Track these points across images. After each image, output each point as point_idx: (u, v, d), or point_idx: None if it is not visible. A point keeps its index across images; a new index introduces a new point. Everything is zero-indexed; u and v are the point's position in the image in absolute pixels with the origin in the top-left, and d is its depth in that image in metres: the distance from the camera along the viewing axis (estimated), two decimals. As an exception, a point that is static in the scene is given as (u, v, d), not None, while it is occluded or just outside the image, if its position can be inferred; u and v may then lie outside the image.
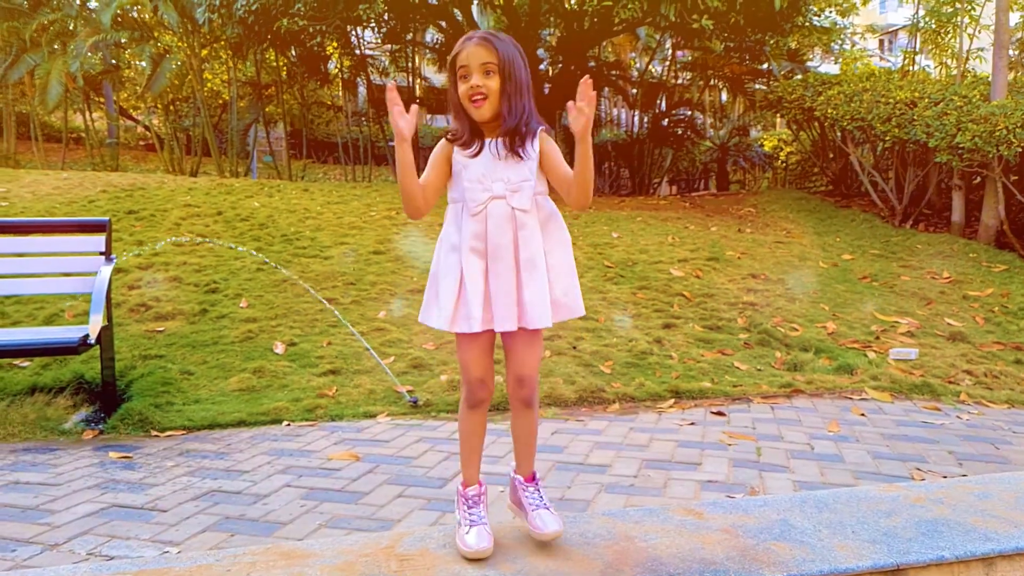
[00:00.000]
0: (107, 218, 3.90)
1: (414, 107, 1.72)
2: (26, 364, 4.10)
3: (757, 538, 1.86)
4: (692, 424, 3.45)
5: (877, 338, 4.86)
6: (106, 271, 3.64)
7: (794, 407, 3.73)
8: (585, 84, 1.63)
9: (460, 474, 1.89)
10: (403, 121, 1.68)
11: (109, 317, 3.70)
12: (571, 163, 1.74)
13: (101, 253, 3.77)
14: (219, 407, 3.66)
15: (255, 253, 5.88)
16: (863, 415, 3.59)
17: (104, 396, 3.67)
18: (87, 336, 3.36)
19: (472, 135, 1.77)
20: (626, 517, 2.00)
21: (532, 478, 1.87)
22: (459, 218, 1.77)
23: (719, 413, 3.63)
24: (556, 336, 4.60)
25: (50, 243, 3.96)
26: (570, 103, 1.68)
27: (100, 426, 3.50)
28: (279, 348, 4.38)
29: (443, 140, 1.81)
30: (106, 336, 3.60)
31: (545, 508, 1.81)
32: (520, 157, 1.74)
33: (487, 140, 1.76)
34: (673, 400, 3.84)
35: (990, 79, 8.07)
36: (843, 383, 4.08)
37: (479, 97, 1.70)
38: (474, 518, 1.78)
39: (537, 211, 1.77)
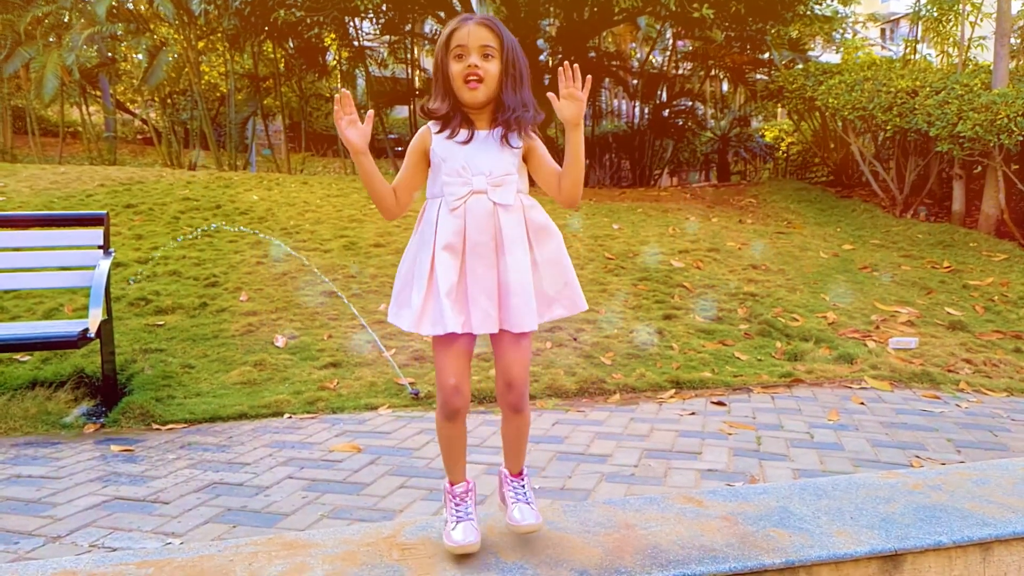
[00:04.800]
0: (105, 212, 3.90)
1: (369, 114, 1.66)
2: (26, 358, 4.10)
3: (757, 525, 1.86)
4: (692, 414, 3.46)
5: (877, 327, 4.86)
6: (104, 265, 3.64)
7: (794, 396, 3.74)
8: (567, 67, 1.58)
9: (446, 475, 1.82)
10: (352, 132, 1.62)
11: (109, 311, 3.70)
12: (558, 158, 1.69)
13: (99, 247, 3.77)
14: (220, 400, 3.67)
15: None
16: (863, 404, 3.60)
17: (105, 390, 3.67)
18: (87, 330, 3.36)
19: (453, 115, 1.66)
20: (626, 505, 2.01)
21: (519, 474, 1.83)
22: (436, 213, 1.66)
23: (719, 403, 3.64)
24: (557, 328, 4.60)
25: (48, 237, 3.96)
26: (552, 95, 1.62)
27: (101, 420, 3.51)
28: (280, 341, 4.38)
29: (421, 130, 1.72)
30: (106, 330, 3.61)
31: (526, 503, 1.77)
32: (509, 146, 1.66)
33: (476, 130, 1.67)
34: (674, 390, 3.85)
35: (991, 67, 8.04)
36: (843, 372, 4.09)
37: (474, 79, 1.61)
38: (460, 514, 1.73)
39: (521, 208, 1.68)
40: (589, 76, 1.63)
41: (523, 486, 1.81)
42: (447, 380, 1.68)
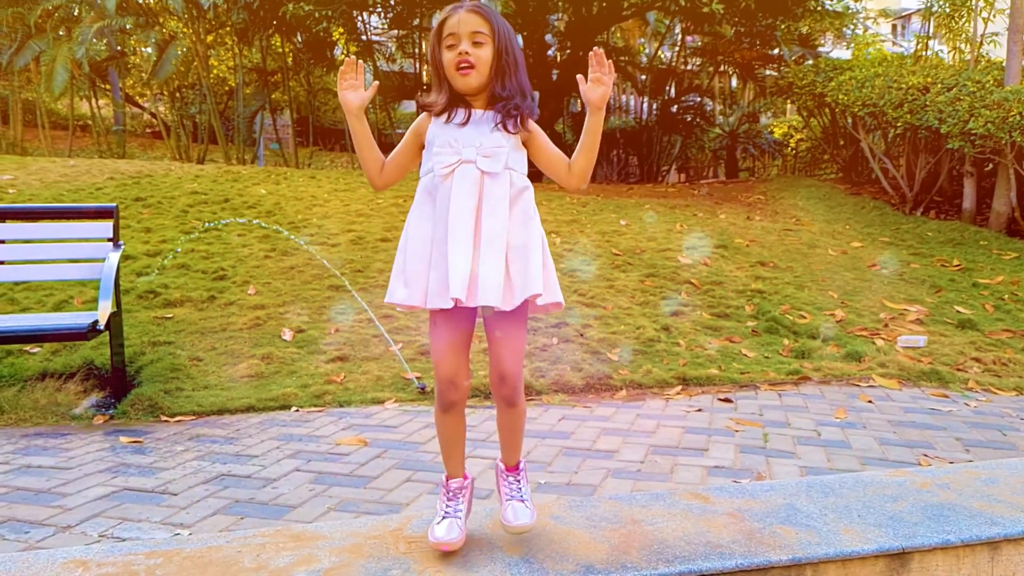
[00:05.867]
0: (114, 205, 3.92)
1: (374, 84, 1.69)
2: (36, 350, 4.13)
3: (763, 522, 1.86)
4: (699, 411, 3.46)
5: (886, 325, 4.84)
6: (114, 257, 3.66)
7: (801, 394, 3.73)
8: (597, 54, 1.60)
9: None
10: (351, 94, 1.66)
11: (118, 303, 3.73)
12: (563, 147, 1.69)
13: (109, 239, 3.79)
14: (228, 393, 3.69)
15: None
16: (870, 402, 3.58)
17: (114, 382, 3.70)
18: (96, 322, 3.38)
19: (451, 103, 1.68)
20: (633, 501, 2.01)
21: (515, 468, 1.81)
22: (427, 185, 1.68)
23: (726, 400, 3.63)
24: (563, 323, 4.60)
25: (58, 229, 3.98)
26: (580, 76, 1.64)
27: (110, 411, 3.53)
28: (287, 335, 4.40)
29: (422, 115, 1.73)
30: (115, 322, 3.63)
31: (520, 500, 1.75)
32: (505, 130, 1.65)
33: (472, 110, 1.67)
34: (680, 387, 3.84)
35: (1004, 64, 7.97)
36: (851, 370, 4.07)
37: (466, 66, 1.61)
38: (448, 510, 1.73)
39: (509, 186, 1.64)
40: (611, 62, 1.64)
41: (518, 481, 1.78)
42: (442, 372, 1.67)
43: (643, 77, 14.23)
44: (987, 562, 1.81)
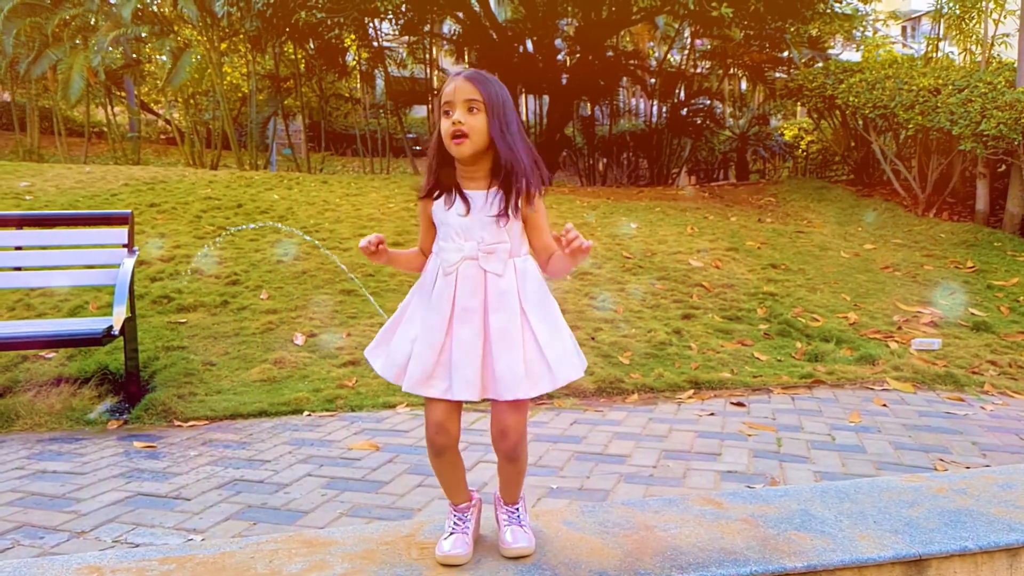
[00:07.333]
0: (129, 211, 3.95)
1: (382, 248, 1.67)
2: (51, 355, 4.17)
3: (778, 528, 1.85)
4: (712, 415, 3.44)
5: (899, 328, 4.80)
6: (129, 263, 3.69)
7: (815, 398, 3.70)
8: (569, 238, 1.53)
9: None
10: (374, 258, 1.67)
11: (132, 309, 3.76)
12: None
13: (124, 245, 3.82)
14: (241, 397, 3.71)
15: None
16: (885, 406, 3.55)
17: (128, 387, 3.72)
18: (111, 327, 3.41)
19: (444, 188, 1.66)
20: (645, 507, 2.00)
21: (513, 502, 1.78)
22: (433, 273, 1.67)
23: (739, 404, 3.61)
24: (575, 327, 4.58)
25: (74, 236, 4.02)
26: (559, 242, 1.59)
27: (124, 416, 3.56)
28: (299, 339, 4.41)
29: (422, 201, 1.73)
30: (129, 327, 3.66)
31: (519, 525, 1.73)
32: (506, 217, 1.61)
33: (467, 193, 1.64)
34: (692, 391, 3.82)
35: (1015, 65, 7.90)
36: (865, 373, 4.04)
37: (459, 135, 1.58)
38: (456, 527, 1.71)
39: (514, 274, 1.64)
40: (589, 244, 1.58)
41: (516, 511, 1.77)
42: (432, 417, 1.63)
43: (652, 80, 14.20)
44: (1006, 569, 1.79)
